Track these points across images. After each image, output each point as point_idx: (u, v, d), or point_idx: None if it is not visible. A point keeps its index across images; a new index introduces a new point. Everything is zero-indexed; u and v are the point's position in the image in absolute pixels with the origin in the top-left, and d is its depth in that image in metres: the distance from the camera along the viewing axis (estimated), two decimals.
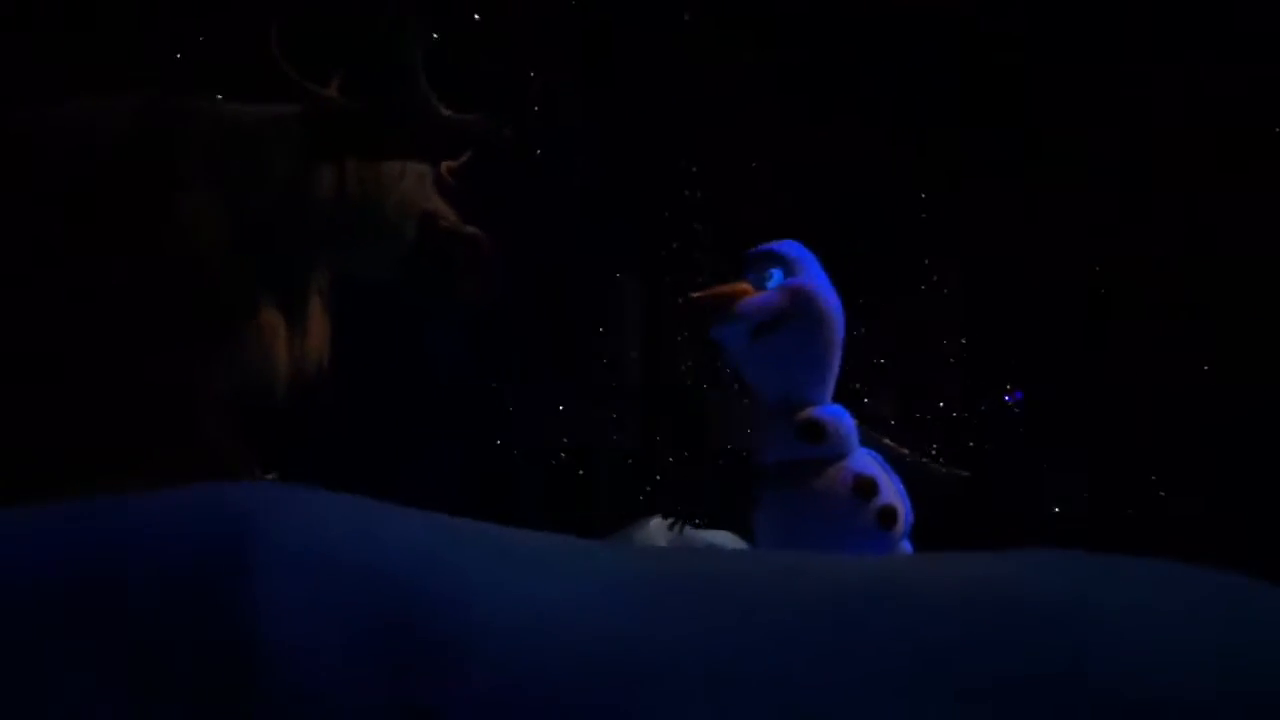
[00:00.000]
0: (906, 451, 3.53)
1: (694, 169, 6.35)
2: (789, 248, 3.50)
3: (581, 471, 5.19)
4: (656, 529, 3.70)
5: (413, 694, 1.75)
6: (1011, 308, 6.79)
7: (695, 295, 3.41)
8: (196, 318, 2.74)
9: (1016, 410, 6.95)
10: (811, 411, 3.37)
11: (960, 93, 6.62)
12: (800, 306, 3.36)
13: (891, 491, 3.35)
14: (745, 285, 3.41)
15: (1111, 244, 6.70)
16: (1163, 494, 6.71)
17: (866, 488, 3.29)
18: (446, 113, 2.99)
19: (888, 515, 3.29)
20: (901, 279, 6.78)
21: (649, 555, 2.53)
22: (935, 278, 7.00)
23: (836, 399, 3.50)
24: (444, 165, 3.09)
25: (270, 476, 2.91)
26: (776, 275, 3.42)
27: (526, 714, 1.75)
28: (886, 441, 3.51)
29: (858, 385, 5.81)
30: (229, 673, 1.67)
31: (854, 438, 3.39)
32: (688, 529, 3.80)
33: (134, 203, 2.77)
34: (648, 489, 5.22)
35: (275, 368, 2.85)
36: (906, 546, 3.40)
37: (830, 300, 3.43)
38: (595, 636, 1.90)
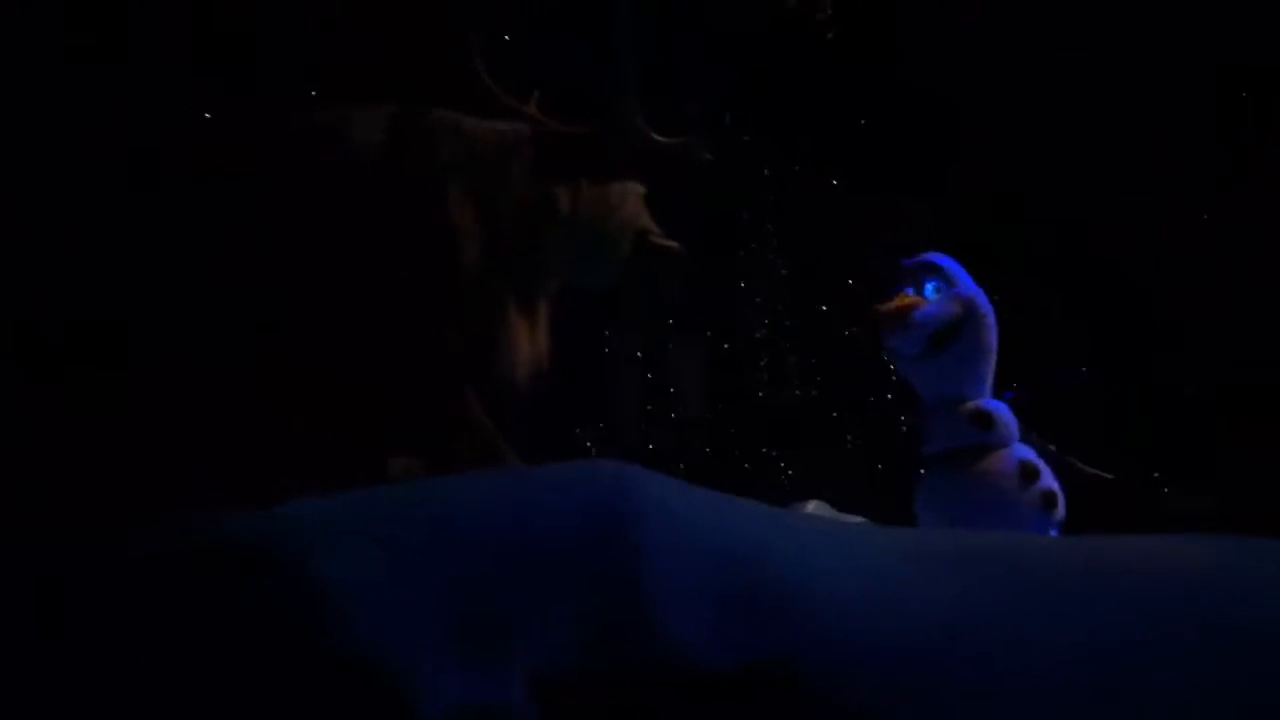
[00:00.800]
0: (1054, 448, 3.84)
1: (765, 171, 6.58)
2: (941, 259, 3.81)
3: (721, 462, 5.48)
4: (816, 511, 3.98)
5: (770, 646, 2.08)
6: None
7: (878, 308, 3.70)
8: (466, 317, 3.03)
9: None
10: (980, 402, 3.68)
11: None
12: (972, 313, 3.68)
13: (1050, 477, 3.67)
14: (917, 298, 3.72)
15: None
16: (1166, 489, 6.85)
17: (1030, 472, 3.61)
18: (659, 139, 3.27)
19: (1049, 498, 3.62)
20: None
21: (910, 534, 2.83)
22: None
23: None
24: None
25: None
26: (931, 285, 3.72)
27: (860, 662, 2.07)
28: (1037, 438, 3.83)
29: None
30: (622, 610, 2.01)
31: (1015, 429, 3.70)
32: (834, 511, 4.09)
33: (403, 211, 3.04)
34: (796, 474, 5.52)
35: (519, 364, 3.14)
36: (1055, 533, 3.70)
37: (988, 304, 3.75)
38: (896, 596, 2.23)
